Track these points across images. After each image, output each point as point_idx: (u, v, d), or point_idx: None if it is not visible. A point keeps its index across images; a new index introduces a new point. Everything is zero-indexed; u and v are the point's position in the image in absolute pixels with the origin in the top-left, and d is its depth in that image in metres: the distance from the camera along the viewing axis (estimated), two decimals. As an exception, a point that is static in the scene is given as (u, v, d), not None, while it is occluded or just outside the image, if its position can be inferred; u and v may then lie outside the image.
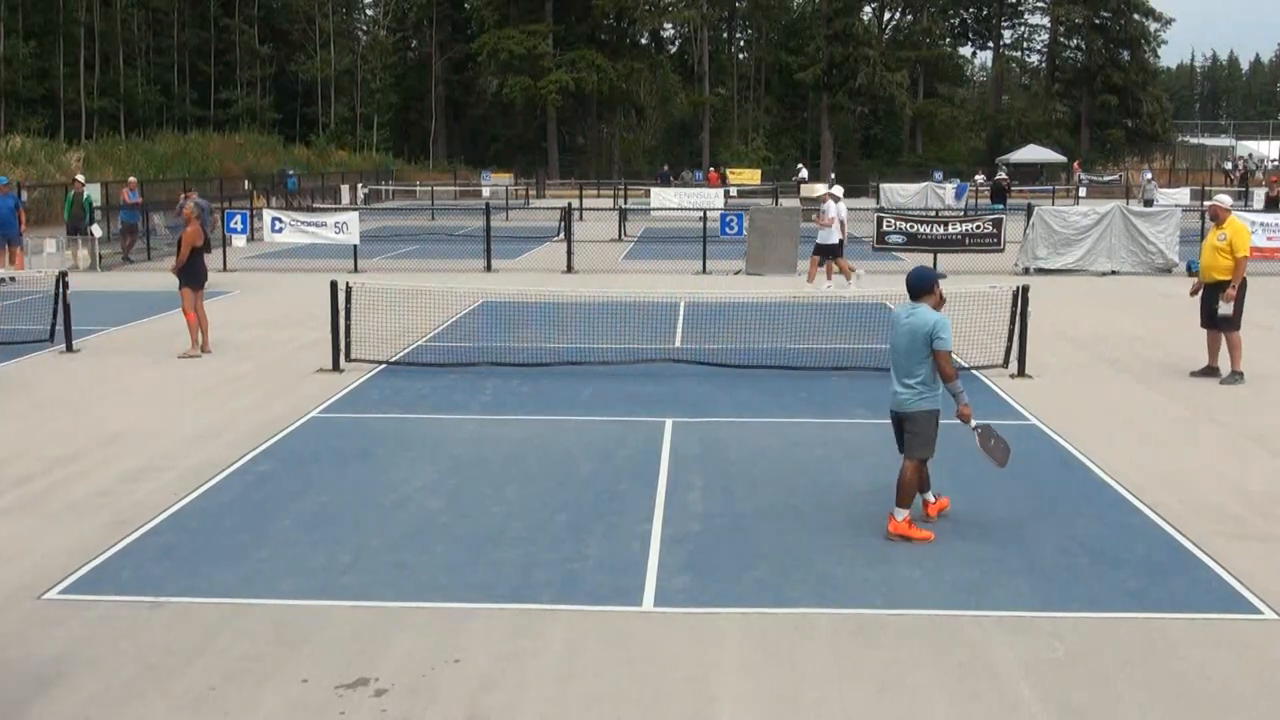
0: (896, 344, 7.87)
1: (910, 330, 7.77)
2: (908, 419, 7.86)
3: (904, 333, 7.80)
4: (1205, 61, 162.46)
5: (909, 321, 7.79)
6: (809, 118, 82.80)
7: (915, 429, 7.83)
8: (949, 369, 7.71)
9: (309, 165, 62.17)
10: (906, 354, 7.78)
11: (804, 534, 7.86)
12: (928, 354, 7.70)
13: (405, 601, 6.69)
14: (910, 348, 7.76)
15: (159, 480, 9.13)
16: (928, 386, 7.79)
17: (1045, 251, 24.21)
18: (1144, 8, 77.75)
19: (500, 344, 15.08)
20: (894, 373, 7.91)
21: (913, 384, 7.79)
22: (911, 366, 7.78)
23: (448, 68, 79.59)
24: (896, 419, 7.97)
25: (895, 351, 7.89)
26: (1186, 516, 8.25)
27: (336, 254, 25.21)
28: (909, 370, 7.79)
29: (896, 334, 7.88)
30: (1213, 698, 5.57)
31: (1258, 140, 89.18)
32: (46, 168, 42.95)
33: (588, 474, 9.31)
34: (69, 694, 5.56)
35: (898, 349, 7.86)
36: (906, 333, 7.78)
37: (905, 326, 7.80)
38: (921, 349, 7.71)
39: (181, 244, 14.85)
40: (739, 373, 13.37)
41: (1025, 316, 13.32)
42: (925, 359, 7.72)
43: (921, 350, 7.71)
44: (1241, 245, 13.01)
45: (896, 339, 7.87)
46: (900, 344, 7.82)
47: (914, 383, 7.79)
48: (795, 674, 5.78)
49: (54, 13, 62.97)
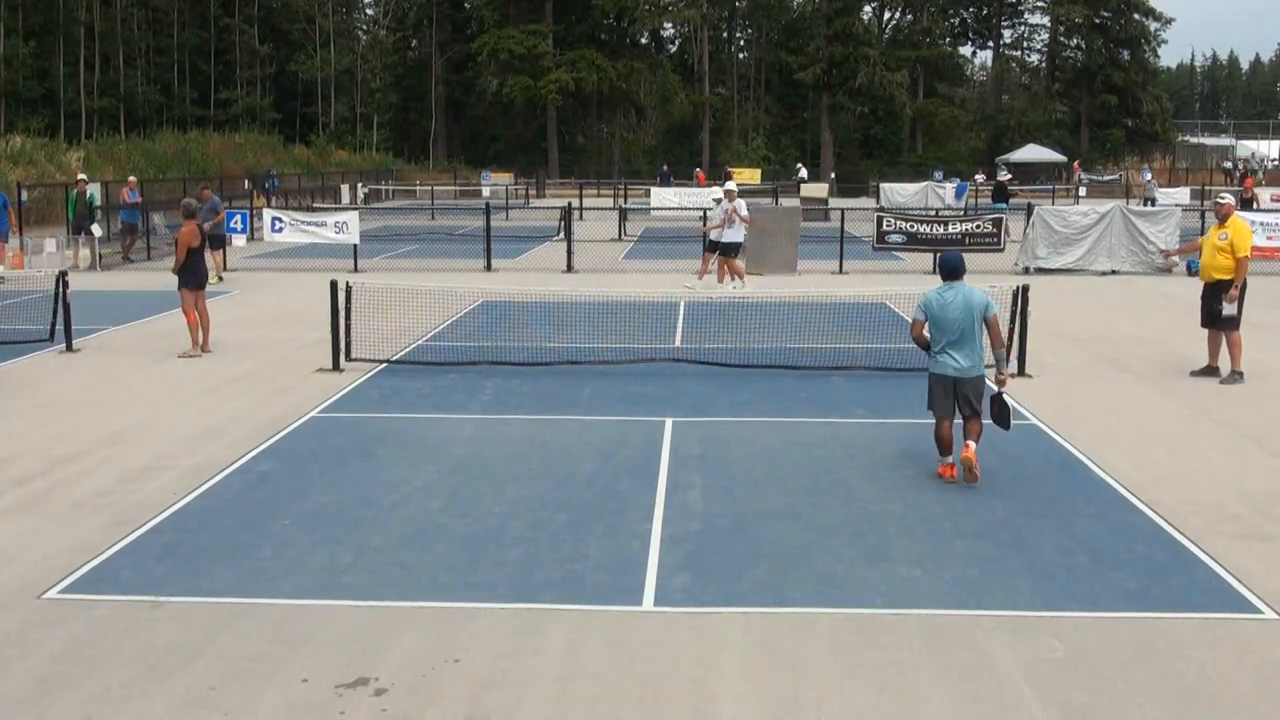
0: (954, 321, 8.88)
1: (967, 306, 8.86)
2: (972, 382, 8.98)
3: (960, 309, 8.86)
4: (1205, 61, 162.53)
5: (961, 299, 8.88)
6: (809, 118, 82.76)
7: (980, 389, 9.04)
8: (1002, 335, 9.06)
9: (309, 165, 62.19)
10: (966, 327, 8.87)
11: (804, 534, 7.86)
12: (982, 325, 8.90)
13: (405, 601, 6.69)
14: (968, 321, 8.86)
15: (159, 480, 9.13)
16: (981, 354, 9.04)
17: (1045, 251, 24.22)
18: (1144, 7, 77.67)
19: (500, 344, 15.09)
20: (950, 344, 8.93)
21: (977, 352, 8.96)
22: (974, 338, 8.90)
23: (448, 67, 79.57)
24: (955, 383, 8.98)
25: (952, 327, 8.89)
26: (1186, 516, 8.26)
27: (336, 254, 25.22)
28: (972, 341, 8.91)
29: (948, 313, 8.89)
30: (1213, 698, 5.57)
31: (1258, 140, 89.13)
32: (46, 168, 42.95)
33: (588, 474, 9.31)
34: (69, 694, 5.57)
35: (956, 324, 8.88)
36: (963, 309, 8.86)
37: (959, 304, 8.87)
38: (978, 320, 8.87)
39: (179, 244, 14.85)
40: (739, 372, 13.37)
41: (1025, 316, 13.32)
42: (981, 330, 8.89)
43: (979, 321, 8.88)
44: (1243, 245, 13.02)
45: (951, 317, 8.88)
46: (958, 320, 8.87)
47: (977, 350, 8.96)
48: (795, 674, 5.79)
49: (54, 13, 62.96)
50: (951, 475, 9.04)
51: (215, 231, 22.94)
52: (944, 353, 8.97)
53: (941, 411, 9.12)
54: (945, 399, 9.06)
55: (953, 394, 9.04)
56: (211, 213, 23.17)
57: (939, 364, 9.05)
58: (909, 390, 12.51)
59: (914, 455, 9.85)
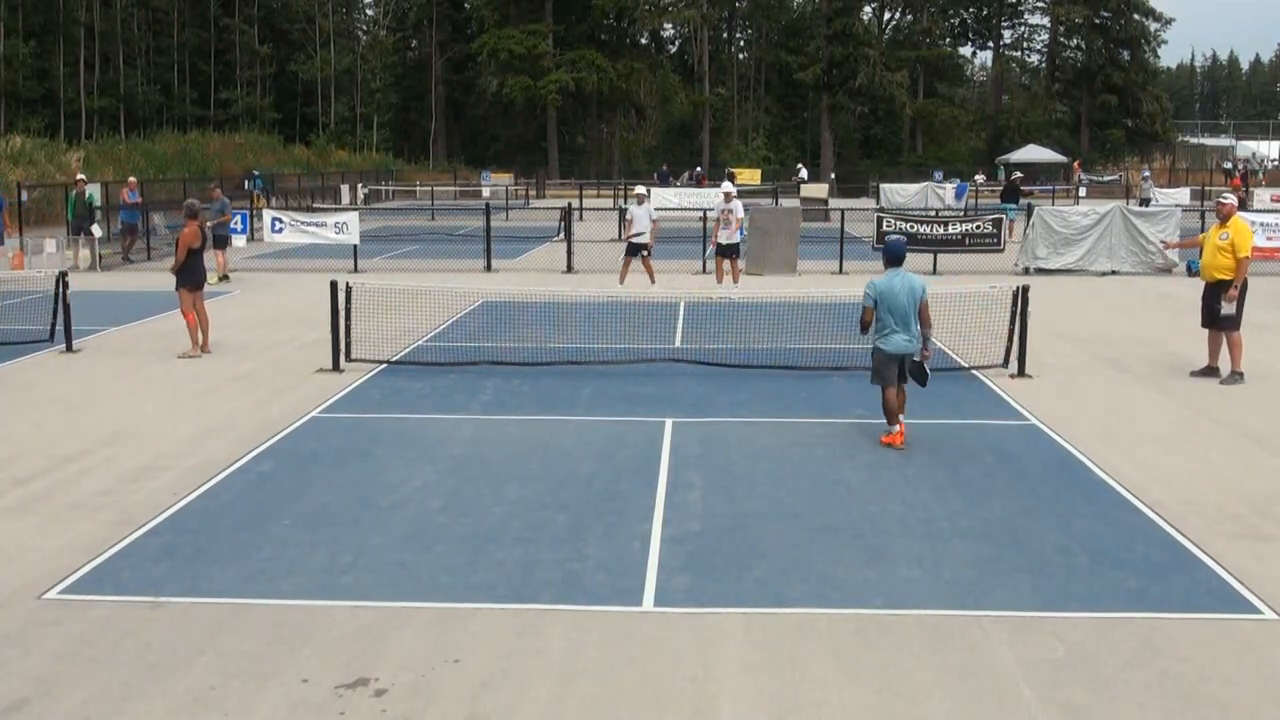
0: (900, 303, 9.93)
1: (910, 290, 9.95)
2: (911, 357, 10.07)
3: (905, 293, 9.93)
4: (1205, 61, 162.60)
5: (906, 284, 9.97)
6: (809, 118, 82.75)
7: (917, 362, 10.12)
8: (930, 316, 10.15)
9: (309, 165, 62.18)
10: (910, 309, 9.95)
11: (804, 534, 7.86)
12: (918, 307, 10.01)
13: (405, 601, 6.69)
14: (911, 303, 9.94)
15: (159, 480, 9.13)
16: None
17: (1045, 251, 24.21)
18: (1144, 8, 77.65)
19: (500, 344, 15.09)
20: (899, 325, 9.96)
21: (915, 331, 10.02)
22: (913, 318, 9.98)
23: (448, 68, 79.56)
24: (900, 359, 10.04)
25: (898, 309, 9.95)
26: (1186, 516, 8.26)
27: (336, 254, 25.22)
28: (913, 321, 9.99)
29: (898, 298, 9.92)
30: (1213, 698, 5.57)
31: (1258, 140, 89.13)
32: (46, 168, 42.95)
33: (588, 474, 9.31)
34: (69, 694, 5.57)
35: (902, 307, 9.94)
36: (908, 293, 9.94)
37: (905, 289, 9.94)
38: (917, 303, 9.97)
39: (179, 245, 14.85)
40: (739, 373, 13.37)
41: (1025, 316, 13.32)
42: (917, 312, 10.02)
43: (917, 304, 9.97)
44: (1243, 245, 13.02)
45: (898, 300, 9.92)
46: (904, 303, 9.93)
47: (915, 329, 10.02)
48: (795, 674, 5.79)
49: (54, 13, 62.94)
50: (900, 444, 9.97)
51: (220, 231, 22.97)
52: (895, 333, 9.99)
53: (889, 381, 10.13)
54: (891, 371, 10.10)
55: (898, 367, 10.10)
56: (219, 213, 23.21)
57: (891, 343, 10.03)
58: (909, 390, 12.50)
59: (914, 455, 9.86)
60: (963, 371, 13.62)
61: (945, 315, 16.29)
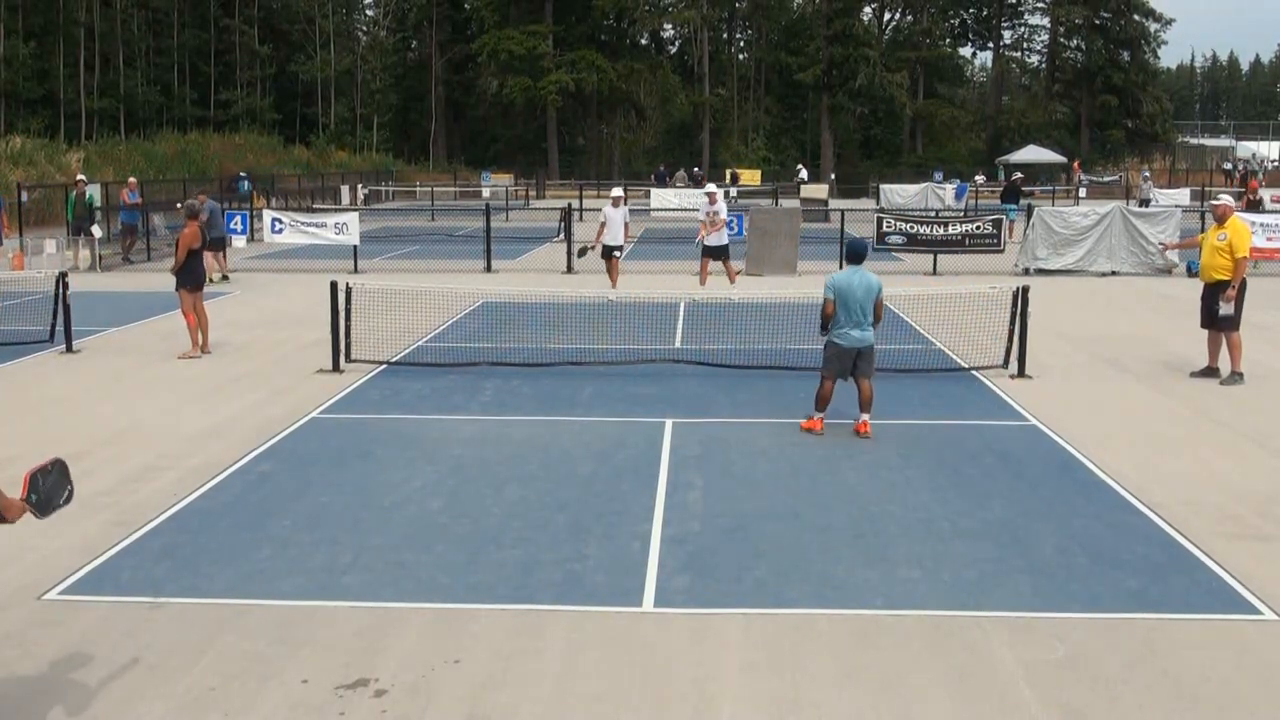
0: (860, 300, 10.33)
1: (867, 287, 10.38)
2: (867, 350, 10.51)
3: (863, 290, 10.35)
4: (1205, 62, 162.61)
5: (864, 281, 10.39)
6: (809, 118, 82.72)
7: (872, 357, 10.59)
8: (882, 311, 10.66)
9: (309, 166, 62.17)
10: (866, 305, 10.38)
11: (804, 535, 7.86)
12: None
13: (405, 602, 6.69)
14: (868, 300, 10.38)
15: (159, 480, 9.13)
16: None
17: (1045, 252, 24.22)
18: (1144, 8, 77.65)
19: (500, 344, 15.09)
20: (856, 320, 10.37)
21: (869, 325, 10.47)
22: (870, 314, 10.45)
23: (448, 68, 79.55)
24: (857, 353, 10.46)
25: (856, 305, 10.34)
26: (1186, 516, 8.26)
27: (336, 254, 25.22)
28: (868, 316, 10.43)
29: (856, 293, 10.32)
30: (1213, 698, 5.57)
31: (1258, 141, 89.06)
32: (46, 168, 42.95)
33: (588, 474, 9.31)
34: (69, 694, 5.57)
35: (859, 303, 10.34)
36: (865, 289, 10.36)
37: (863, 286, 10.35)
38: (872, 299, 10.39)
39: (179, 245, 14.85)
40: (739, 373, 13.37)
41: (1025, 317, 13.32)
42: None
43: (872, 300, 10.40)
44: (1241, 246, 13.03)
45: (856, 295, 10.32)
46: (862, 299, 10.34)
47: (869, 324, 10.47)
48: (795, 674, 5.79)
49: (54, 13, 62.91)
50: (820, 430, 10.55)
51: (215, 234, 22.95)
52: (855, 327, 10.39)
53: (835, 374, 10.57)
54: (843, 366, 10.52)
55: (851, 362, 10.48)
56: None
57: (847, 338, 10.43)
58: (908, 390, 12.52)
59: (914, 455, 9.86)
60: (963, 372, 13.62)
61: (945, 315, 16.32)
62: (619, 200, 20.97)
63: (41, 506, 4.91)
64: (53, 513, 5.02)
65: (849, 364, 10.52)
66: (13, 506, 4.86)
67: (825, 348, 10.66)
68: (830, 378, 10.59)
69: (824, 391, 10.63)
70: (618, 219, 20.51)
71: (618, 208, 20.63)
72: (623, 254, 21.04)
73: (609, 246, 20.51)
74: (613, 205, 20.66)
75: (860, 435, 10.51)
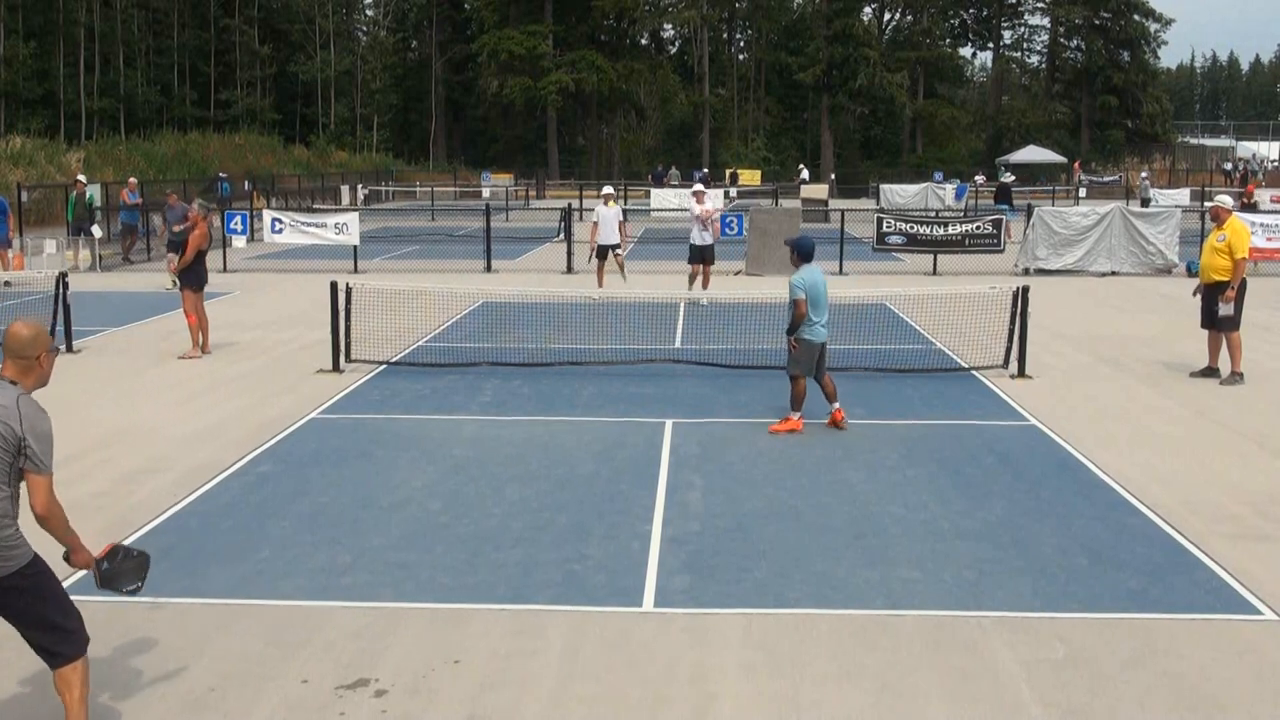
0: (823, 294, 10.63)
1: (824, 283, 10.72)
2: (825, 345, 10.79)
3: (824, 286, 10.68)
4: (1205, 62, 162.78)
5: (822, 277, 10.74)
6: (809, 118, 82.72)
7: (827, 351, 10.87)
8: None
9: (309, 166, 62.16)
10: (825, 300, 10.68)
11: (804, 535, 7.86)
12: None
13: (405, 602, 6.69)
14: (826, 295, 10.67)
15: (159, 481, 9.13)
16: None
17: (1045, 252, 24.22)
18: (1144, 8, 77.62)
19: (500, 344, 15.08)
20: (821, 316, 10.64)
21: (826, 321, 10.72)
22: (826, 308, 10.70)
23: (448, 68, 79.56)
24: (820, 348, 10.72)
25: (821, 301, 10.62)
26: (1186, 516, 8.25)
27: (336, 255, 25.22)
28: (826, 311, 10.73)
29: (819, 289, 10.59)
30: (1213, 698, 5.57)
31: (1258, 141, 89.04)
32: (46, 169, 42.93)
33: (588, 474, 9.31)
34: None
35: (824, 299, 10.65)
36: (824, 284, 10.72)
37: (823, 282, 10.69)
38: (826, 294, 10.70)
39: (188, 245, 14.83)
40: (738, 374, 13.37)
41: (1025, 317, 13.32)
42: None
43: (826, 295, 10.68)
44: (1240, 246, 13.02)
45: (820, 292, 10.60)
46: (823, 293, 10.64)
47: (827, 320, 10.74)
48: (795, 675, 5.78)
49: (54, 13, 62.89)
50: (800, 429, 10.64)
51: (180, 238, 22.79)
52: (824, 325, 10.68)
53: (808, 371, 10.71)
54: (811, 362, 10.69)
55: (817, 357, 10.69)
56: (180, 218, 23.07)
57: (817, 334, 10.65)
58: (909, 390, 12.52)
59: (914, 455, 9.86)
60: (963, 372, 13.62)
61: (945, 316, 16.32)
62: (609, 199, 20.97)
63: (106, 578, 5.08)
64: (111, 591, 5.15)
65: (814, 359, 10.70)
66: (81, 555, 5.00)
67: (794, 347, 10.70)
68: (801, 375, 10.74)
69: (799, 390, 10.75)
70: (610, 218, 20.50)
71: (609, 206, 20.63)
72: (624, 251, 21.01)
73: (604, 246, 20.52)
74: (604, 204, 20.65)
75: (838, 426, 10.72)
